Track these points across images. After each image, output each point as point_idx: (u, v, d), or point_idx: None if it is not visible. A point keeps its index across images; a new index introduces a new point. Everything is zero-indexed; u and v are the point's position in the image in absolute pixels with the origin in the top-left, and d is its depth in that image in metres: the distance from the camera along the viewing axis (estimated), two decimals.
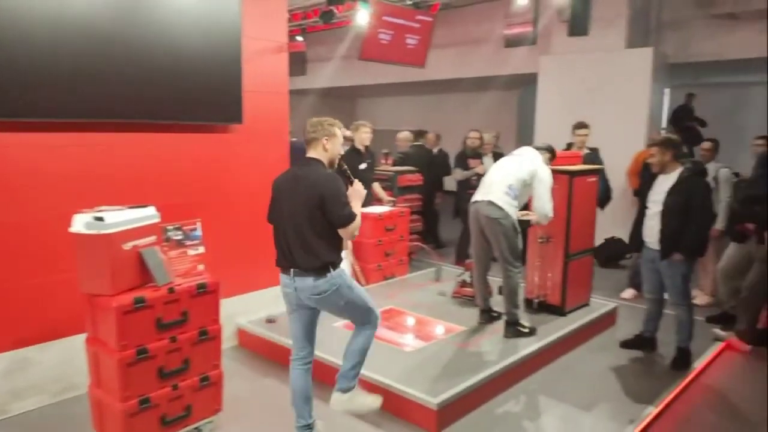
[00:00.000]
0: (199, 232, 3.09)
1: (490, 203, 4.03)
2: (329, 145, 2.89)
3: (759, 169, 4.78)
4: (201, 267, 3.07)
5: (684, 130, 10.26)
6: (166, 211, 3.07)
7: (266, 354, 4.11)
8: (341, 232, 2.80)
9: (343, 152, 3.09)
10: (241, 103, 4.00)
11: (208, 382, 3.00)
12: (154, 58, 3.53)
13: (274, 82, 4.39)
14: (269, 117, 4.36)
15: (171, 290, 2.81)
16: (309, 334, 2.98)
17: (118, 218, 2.70)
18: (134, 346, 2.69)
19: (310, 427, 2.98)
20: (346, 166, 3.07)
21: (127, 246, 2.73)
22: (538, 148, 4.33)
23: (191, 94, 3.75)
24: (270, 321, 4.33)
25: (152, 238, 2.87)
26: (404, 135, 7.99)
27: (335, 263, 2.81)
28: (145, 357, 2.72)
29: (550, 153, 4.38)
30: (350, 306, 2.86)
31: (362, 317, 2.91)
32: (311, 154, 2.90)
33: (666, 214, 3.93)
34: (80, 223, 2.66)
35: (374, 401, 3.02)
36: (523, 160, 4.20)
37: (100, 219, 2.63)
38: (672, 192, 3.92)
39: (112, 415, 2.73)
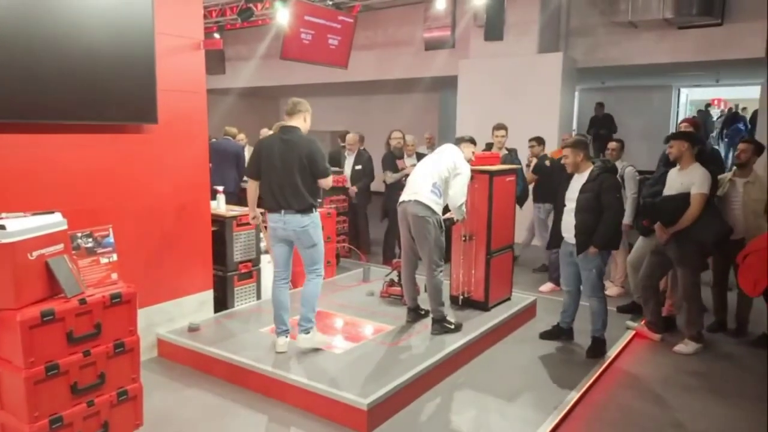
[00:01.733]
0: (111, 239, 2.92)
1: (417, 202, 4.11)
2: (308, 118, 3.86)
3: (662, 167, 5.11)
4: (114, 276, 2.91)
5: (596, 137, 10.94)
6: (75, 217, 2.87)
7: (189, 364, 3.95)
8: (321, 182, 3.78)
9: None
10: (155, 103, 3.81)
11: (127, 396, 2.85)
12: (59, 54, 3.29)
13: (191, 81, 4.23)
14: (186, 117, 4.20)
15: (82, 301, 2.64)
16: (287, 262, 3.91)
17: (22, 226, 2.50)
18: (43, 363, 2.50)
19: (287, 330, 3.85)
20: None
21: (33, 255, 2.53)
22: (461, 139, 4.47)
23: (101, 92, 3.54)
24: (193, 329, 4.17)
25: (60, 247, 2.68)
26: (352, 137, 7.43)
27: (315, 205, 3.77)
28: (56, 373, 2.54)
29: (472, 143, 4.53)
30: (316, 248, 3.80)
31: (317, 259, 3.83)
32: (293, 123, 3.81)
33: (579, 210, 4.14)
34: None
35: (326, 338, 3.98)
36: (443, 157, 4.30)
37: (1, 227, 2.43)
38: (584, 189, 4.14)
39: None
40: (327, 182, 3.83)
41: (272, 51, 9.67)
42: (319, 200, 3.79)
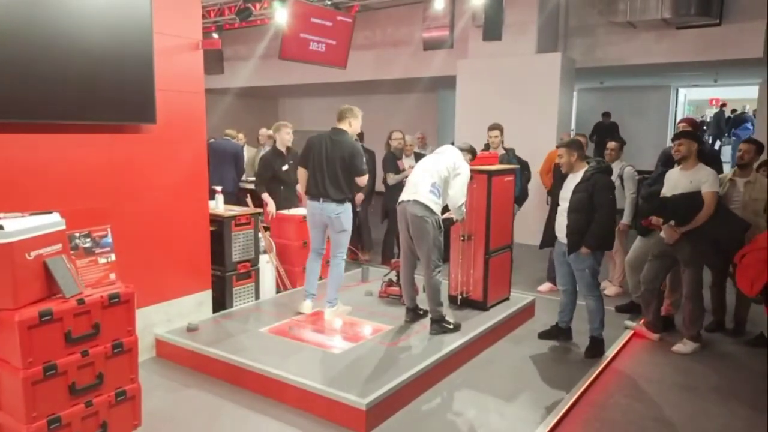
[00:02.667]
0: (109, 239, 2.92)
1: (416, 202, 4.11)
2: (354, 123, 4.42)
3: (661, 167, 5.11)
4: (113, 276, 2.90)
5: (598, 145, 11.00)
6: (73, 217, 2.87)
7: (188, 364, 3.95)
8: (357, 180, 4.41)
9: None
10: (153, 102, 3.80)
11: (125, 396, 2.85)
12: (57, 54, 3.29)
13: (189, 81, 4.22)
14: (184, 117, 4.19)
15: (80, 301, 2.63)
16: (323, 242, 4.62)
17: (20, 226, 2.50)
18: (41, 363, 2.50)
19: (314, 295, 4.57)
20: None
21: (31, 255, 2.53)
22: (460, 149, 4.44)
23: (99, 92, 3.53)
24: (191, 329, 4.16)
25: (58, 247, 2.68)
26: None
27: (349, 198, 4.43)
28: (54, 374, 2.54)
29: (471, 154, 4.50)
30: (345, 233, 4.44)
31: (343, 244, 4.47)
32: (340, 126, 4.40)
33: (572, 210, 4.14)
34: None
35: (348, 307, 4.65)
36: (443, 157, 4.30)
37: None
38: (577, 189, 4.14)
39: None
40: (363, 180, 4.44)
41: (271, 51, 9.67)
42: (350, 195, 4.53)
